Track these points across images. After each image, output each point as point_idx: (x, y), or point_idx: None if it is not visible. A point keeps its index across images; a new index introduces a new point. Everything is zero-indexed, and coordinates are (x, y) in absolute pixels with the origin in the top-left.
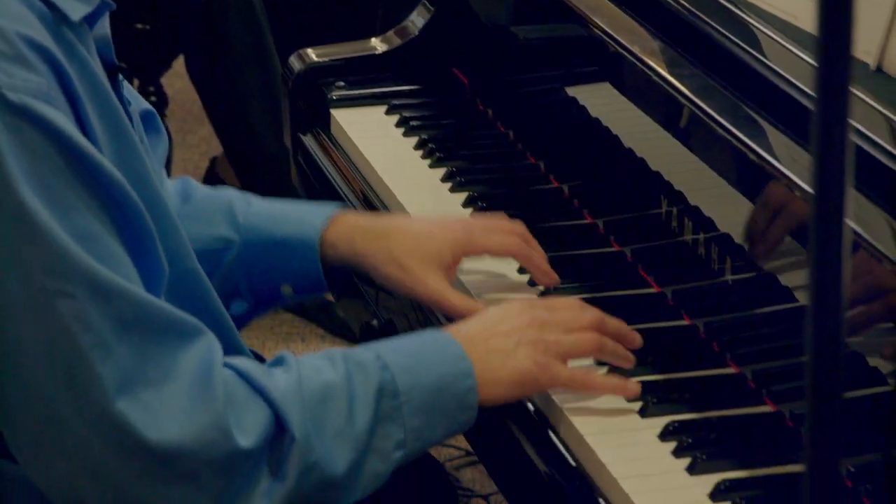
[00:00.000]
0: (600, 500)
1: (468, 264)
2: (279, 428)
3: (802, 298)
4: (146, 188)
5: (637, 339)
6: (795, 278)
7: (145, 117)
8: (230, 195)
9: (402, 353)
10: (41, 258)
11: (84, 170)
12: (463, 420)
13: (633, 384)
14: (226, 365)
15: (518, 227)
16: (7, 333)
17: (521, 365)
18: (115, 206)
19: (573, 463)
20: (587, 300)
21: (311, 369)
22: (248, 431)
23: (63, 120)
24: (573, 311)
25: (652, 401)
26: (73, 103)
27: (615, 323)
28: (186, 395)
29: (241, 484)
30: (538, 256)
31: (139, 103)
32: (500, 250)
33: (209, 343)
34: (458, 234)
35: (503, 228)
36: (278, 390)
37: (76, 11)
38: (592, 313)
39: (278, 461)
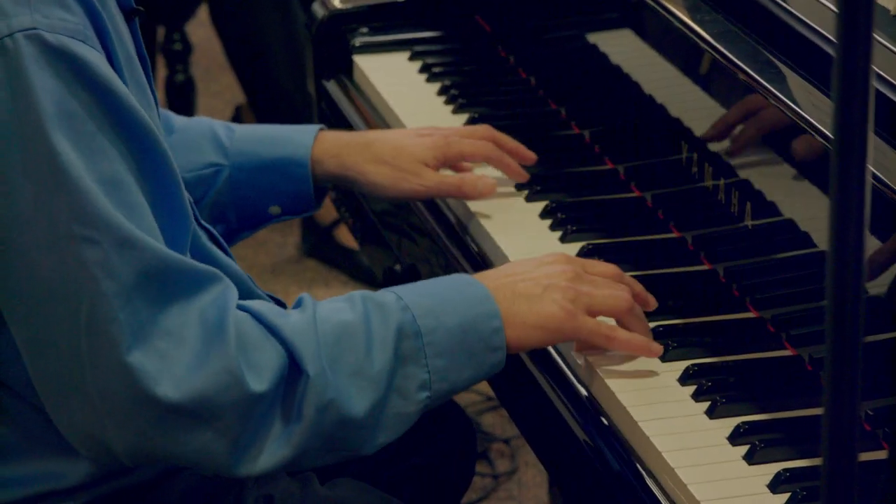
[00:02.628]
0: (620, 442)
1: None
2: (293, 366)
3: (822, 243)
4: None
5: (651, 301)
6: (815, 223)
7: None
8: (211, 122)
9: (425, 294)
10: (68, 203)
11: (117, 113)
12: (491, 362)
13: (656, 345)
14: (240, 307)
15: (486, 130)
16: (35, 276)
17: (548, 309)
18: (145, 153)
19: (594, 406)
20: (608, 245)
21: (328, 310)
22: (261, 373)
23: (99, 59)
24: (609, 270)
25: (672, 345)
26: (106, 45)
27: (636, 285)
28: (200, 341)
29: (258, 426)
30: (509, 157)
31: None
32: (475, 154)
33: (224, 288)
34: (437, 139)
35: (474, 133)
36: (291, 328)
37: None
38: (628, 279)
39: (293, 400)
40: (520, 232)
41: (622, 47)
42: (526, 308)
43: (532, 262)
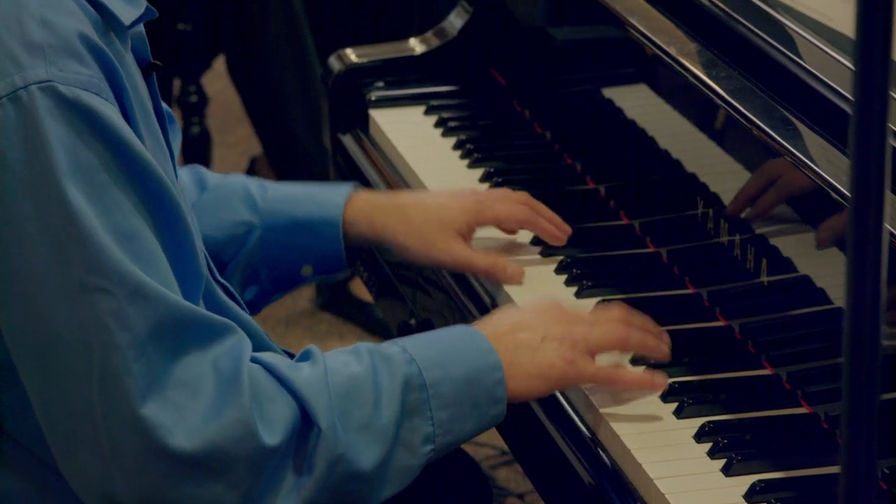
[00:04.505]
0: (635, 499)
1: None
2: (305, 420)
3: (838, 300)
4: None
5: (665, 338)
6: (831, 280)
7: None
8: (244, 180)
9: (429, 346)
10: (81, 254)
11: (130, 165)
12: (493, 414)
13: (660, 377)
14: (252, 359)
15: (523, 196)
16: (47, 327)
17: (548, 359)
18: (158, 205)
19: (609, 463)
20: (623, 301)
21: (336, 362)
22: (275, 426)
23: (112, 112)
24: (600, 308)
25: (688, 401)
26: (120, 98)
27: (642, 319)
28: (214, 391)
29: (270, 479)
30: (545, 221)
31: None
32: (509, 218)
33: (239, 340)
34: (469, 204)
35: (510, 198)
36: (304, 382)
37: (126, 15)
38: (619, 308)
39: (306, 454)
40: (535, 287)
41: (638, 102)
42: (527, 359)
43: (528, 310)
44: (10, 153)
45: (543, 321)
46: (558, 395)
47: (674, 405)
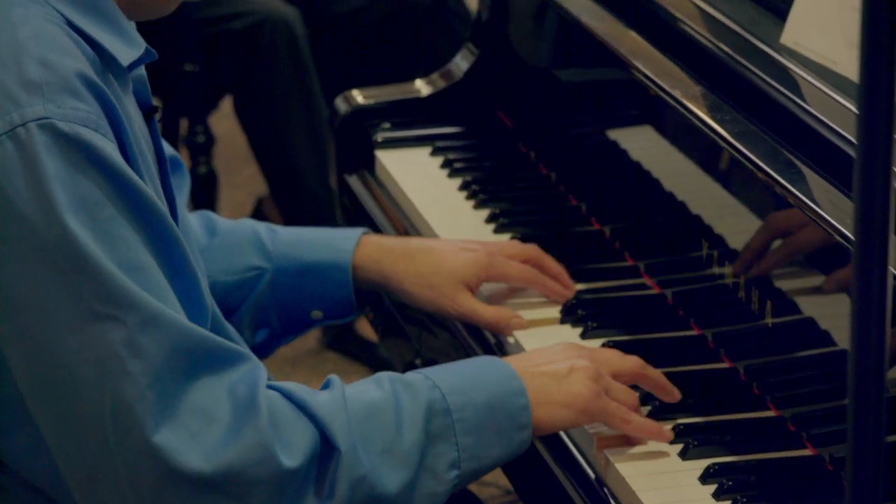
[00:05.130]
0: None
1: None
2: (325, 444)
3: (843, 342)
4: None
5: (675, 393)
6: (836, 322)
7: (170, 161)
8: (254, 224)
9: (451, 373)
10: (90, 285)
11: (132, 199)
12: (519, 440)
13: (668, 431)
14: (269, 386)
15: (533, 250)
16: (58, 361)
17: (575, 388)
18: (161, 239)
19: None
20: (628, 342)
21: (356, 389)
22: (294, 450)
23: (111, 148)
24: (632, 364)
25: (693, 443)
26: (119, 136)
27: (656, 372)
28: (231, 416)
29: (291, 502)
30: (551, 281)
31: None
32: (518, 278)
33: (253, 367)
34: (480, 257)
35: (520, 254)
36: (322, 405)
37: (125, 57)
38: (634, 358)
39: (326, 477)
40: (540, 328)
41: (643, 144)
42: (554, 387)
43: (552, 349)
44: (11, 190)
45: (568, 355)
46: (563, 435)
47: (679, 447)
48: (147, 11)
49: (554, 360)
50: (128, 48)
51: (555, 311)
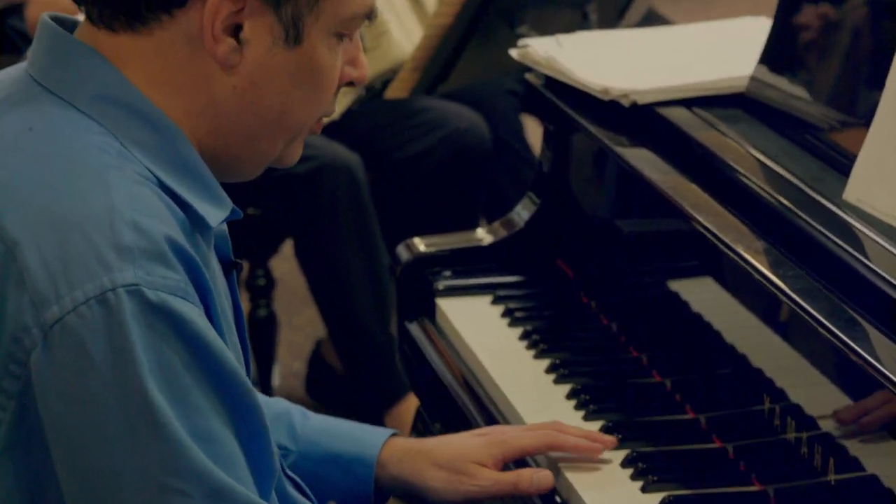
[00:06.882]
0: None
1: None
2: None
3: None
4: None
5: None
6: None
7: None
8: (287, 405)
9: None
10: (161, 454)
11: (212, 369)
12: None
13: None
14: None
15: (551, 424)
16: None
17: None
18: (237, 406)
19: None
20: (689, 496)
21: None
22: None
23: (197, 314)
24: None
25: None
26: (204, 299)
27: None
28: None
29: None
30: (574, 438)
31: None
32: (536, 446)
33: None
34: (493, 437)
35: (534, 427)
36: None
37: (214, 218)
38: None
39: None
40: (602, 483)
41: (704, 295)
42: None
43: None
44: (95, 352)
45: None
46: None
47: None
48: (234, 176)
49: None
50: (216, 209)
51: (615, 463)
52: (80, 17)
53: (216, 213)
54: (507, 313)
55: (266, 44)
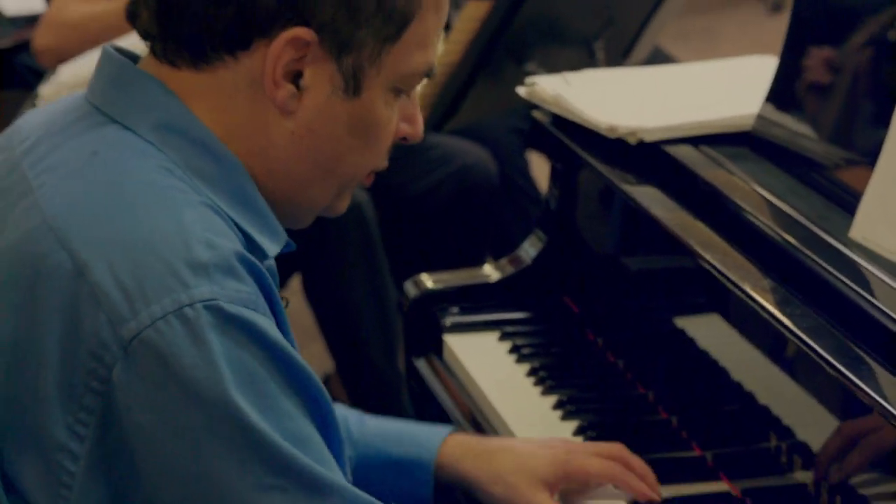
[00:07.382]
0: None
1: None
2: None
3: None
4: None
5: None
6: None
7: None
8: (345, 411)
9: None
10: (260, 458)
11: (292, 373)
12: None
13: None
14: None
15: (618, 449)
16: None
17: None
18: (318, 407)
19: None
20: None
21: None
22: None
23: (269, 324)
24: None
25: None
26: (273, 310)
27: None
28: None
29: None
30: (637, 480)
31: None
32: (600, 473)
33: None
34: (560, 454)
35: (603, 452)
36: None
37: (271, 249)
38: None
39: None
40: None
41: (710, 332)
42: None
43: None
44: (178, 367)
45: None
46: None
47: None
48: (285, 220)
49: None
50: (272, 242)
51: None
52: (136, 47)
53: (273, 246)
54: (514, 350)
55: (325, 92)
